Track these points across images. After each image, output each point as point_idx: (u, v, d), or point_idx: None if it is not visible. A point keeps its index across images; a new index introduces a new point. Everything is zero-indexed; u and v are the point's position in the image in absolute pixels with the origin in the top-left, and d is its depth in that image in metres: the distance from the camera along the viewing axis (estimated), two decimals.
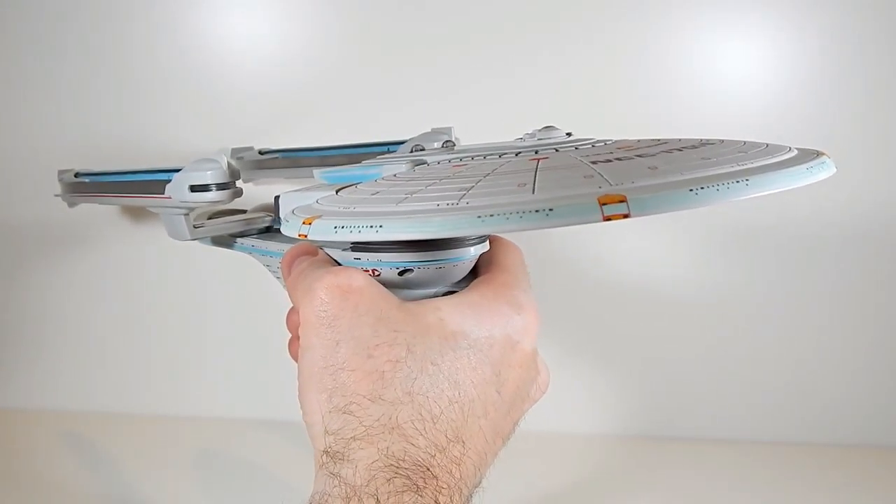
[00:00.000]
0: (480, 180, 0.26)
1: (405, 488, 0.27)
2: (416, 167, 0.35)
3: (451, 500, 0.29)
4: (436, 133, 0.46)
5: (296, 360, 0.32)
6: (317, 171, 0.38)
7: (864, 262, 0.68)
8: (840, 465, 0.70)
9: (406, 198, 0.26)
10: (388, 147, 0.49)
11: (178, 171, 0.46)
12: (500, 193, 0.24)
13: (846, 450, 0.72)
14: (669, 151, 0.28)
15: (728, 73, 0.63)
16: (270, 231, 0.49)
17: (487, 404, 0.31)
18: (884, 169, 0.64)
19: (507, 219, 0.22)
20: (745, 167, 0.25)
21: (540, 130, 0.35)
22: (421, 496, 0.27)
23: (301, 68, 0.68)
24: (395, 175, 0.33)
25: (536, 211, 0.22)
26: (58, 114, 0.72)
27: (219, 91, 0.69)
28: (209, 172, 0.44)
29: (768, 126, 0.64)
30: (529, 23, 0.64)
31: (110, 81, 0.70)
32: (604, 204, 0.22)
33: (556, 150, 0.31)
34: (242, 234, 0.49)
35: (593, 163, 0.26)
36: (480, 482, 0.32)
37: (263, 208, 0.52)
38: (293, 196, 0.35)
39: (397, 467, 0.28)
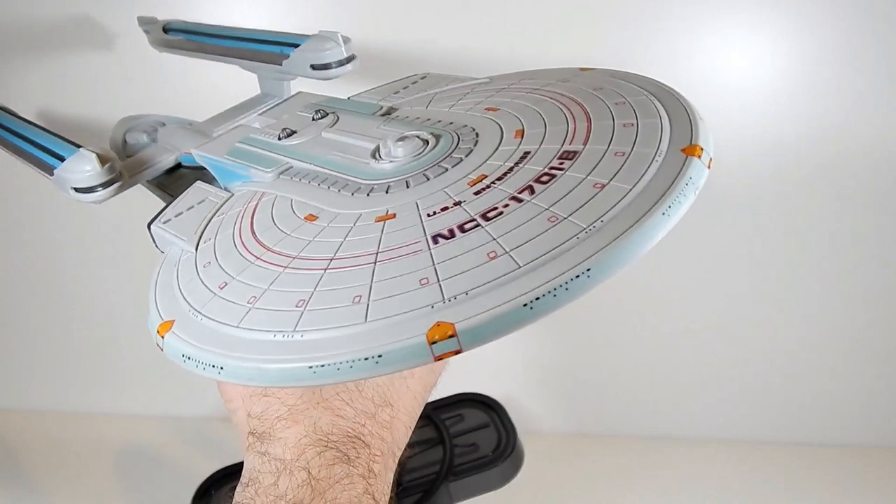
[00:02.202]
0: (321, 278, 0.26)
1: (336, 460, 0.27)
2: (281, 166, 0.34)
3: (386, 465, 0.29)
4: (320, 42, 0.43)
5: None
6: (194, 151, 0.40)
7: (865, 262, 0.68)
8: (840, 466, 0.70)
9: (248, 310, 0.26)
10: (291, 46, 0.45)
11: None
12: (334, 319, 0.24)
13: (846, 450, 0.72)
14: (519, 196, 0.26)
15: (728, 71, 0.63)
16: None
17: None
18: (884, 168, 0.64)
19: (339, 370, 0.22)
20: (587, 243, 0.22)
21: (399, 142, 0.32)
22: (353, 466, 0.27)
23: None
24: (240, 238, 0.31)
25: (366, 359, 0.22)
26: None
27: None
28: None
29: (768, 125, 0.64)
30: (529, 23, 0.64)
31: None
32: (433, 343, 0.21)
33: (408, 185, 0.30)
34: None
35: (435, 240, 0.25)
36: (408, 439, 0.32)
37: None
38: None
39: (327, 441, 0.28)
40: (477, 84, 0.37)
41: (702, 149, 0.25)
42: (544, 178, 0.26)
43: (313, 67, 0.43)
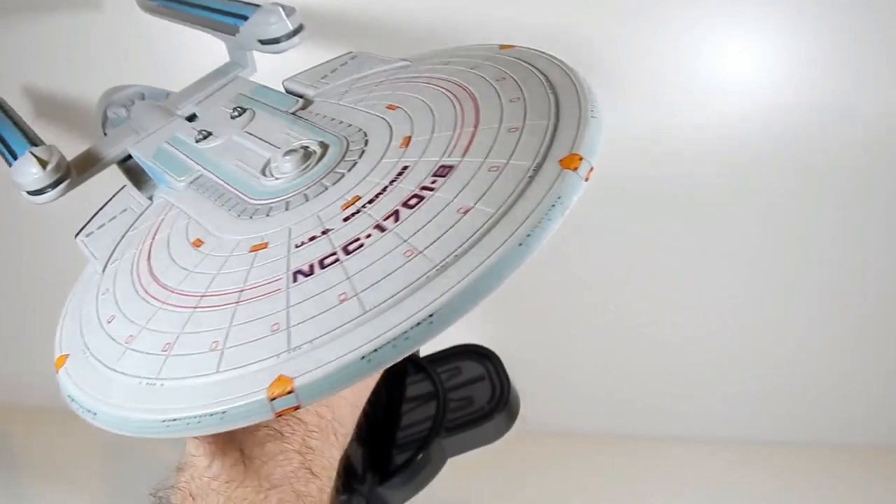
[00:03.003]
0: (188, 319, 0.25)
1: (268, 438, 0.27)
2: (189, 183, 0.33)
3: (326, 440, 0.29)
4: (264, 15, 0.41)
5: None
6: (130, 149, 0.39)
7: (865, 263, 0.68)
8: (840, 466, 0.70)
9: (124, 351, 0.26)
10: (242, 18, 0.43)
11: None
12: (191, 367, 0.23)
13: (846, 450, 0.72)
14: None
15: (727, 71, 0.63)
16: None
17: None
18: (883, 169, 0.64)
19: (188, 424, 0.22)
20: (435, 283, 0.21)
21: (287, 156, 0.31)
22: (287, 442, 0.28)
23: None
24: (136, 264, 0.31)
25: (211, 414, 0.22)
26: None
27: None
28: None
29: (770, 124, 0.64)
30: (529, 24, 0.64)
31: None
32: (273, 399, 0.21)
33: (287, 206, 0.29)
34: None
35: (295, 277, 0.24)
36: (356, 416, 0.32)
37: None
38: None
39: None
40: (395, 70, 0.35)
41: (581, 158, 0.23)
42: (412, 201, 0.24)
43: (261, 42, 0.41)
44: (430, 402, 0.45)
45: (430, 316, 0.20)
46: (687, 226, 0.70)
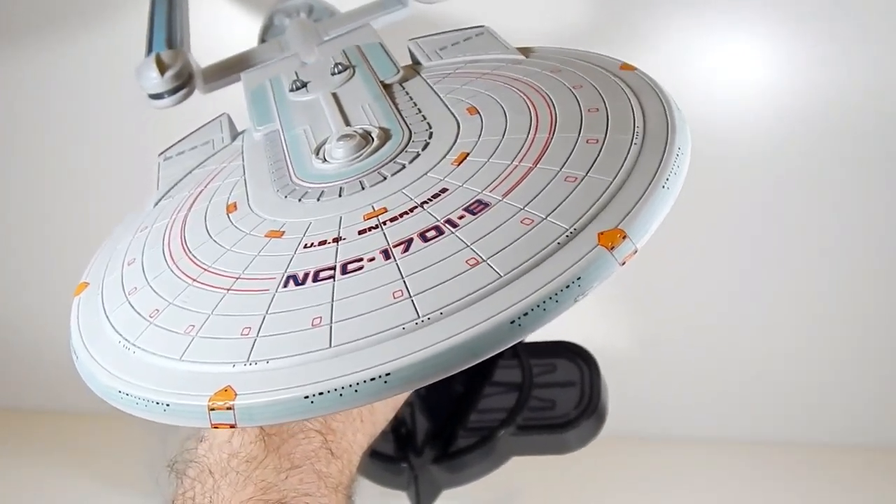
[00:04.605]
0: (185, 290, 0.24)
1: None
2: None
3: (351, 423, 0.28)
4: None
5: None
6: (242, 75, 0.37)
7: (866, 264, 0.68)
8: (840, 466, 0.70)
9: (122, 304, 0.24)
10: None
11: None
12: (164, 343, 0.23)
13: (846, 450, 0.72)
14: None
15: (731, 73, 0.63)
16: None
17: None
18: (882, 168, 0.64)
19: (136, 404, 0.21)
20: (391, 345, 0.20)
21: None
22: (308, 421, 0.27)
23: None
24: (168, 232, 0.29)
25: (157, 403, 0.21)
26: None
27: None
28: None
29: (775, 124, 0.64)
30: (527, 22, 0.64)
31: None
32: (212, 410, 0.20)
33: (318, 199, 0.27)
34: None
35: (286, 283, 0.23)
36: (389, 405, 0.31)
37: None
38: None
39: None
40: (506, 63, 0.32)
41: (623, 237, 0.20)
42: (430, 234, 0.22)
43: None
44: (512, 393, 0.42)
45: (387, 375, 0.19)
46: (683, 223, 0.70)
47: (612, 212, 0.21)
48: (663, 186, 0.22)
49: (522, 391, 0.42)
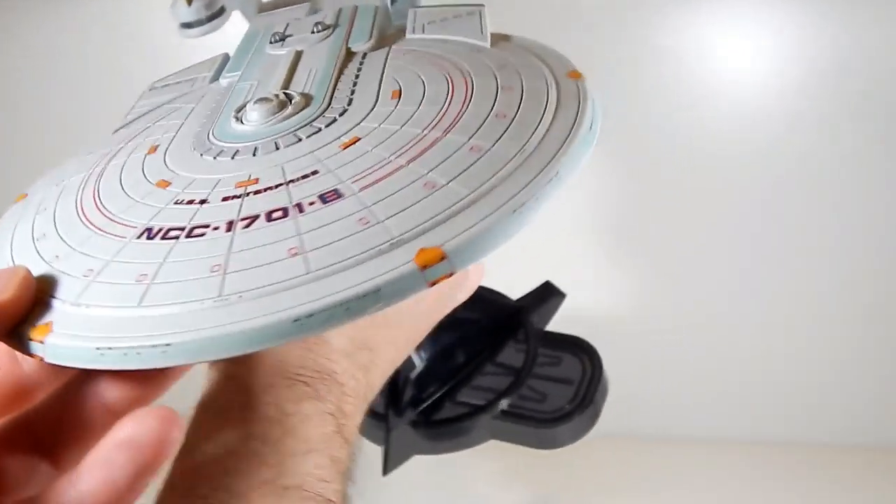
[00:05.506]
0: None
1: (306, 396, 0.26)
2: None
3: (357, 408, 0.28)
4: None
5: None
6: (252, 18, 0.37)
7: (866, 264, 0.68)
8: (840, 466, 0.70)
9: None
10: None
11: None
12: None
13: (846, 450, 0.72)
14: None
15: (726, 70, 0.63)
16: None
17: (403, 315, 0.30)
18: (882, 168, 0.64)
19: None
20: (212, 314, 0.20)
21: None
22: (323, 403, 0.26)
23: None
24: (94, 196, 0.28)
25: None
26: None
27: None
28: None
29: (758, 123, 0.64)
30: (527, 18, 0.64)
31: None
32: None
33: (232, 157, 0.27)
34: None
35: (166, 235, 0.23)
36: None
37: None
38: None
39: (295, 374, 0.26)
40: (465, 49, 0.31)
41: (442, 258, 0.20)
42: (276, 215, 0.22)
43: None
44: (509, 377, 0.41)
45: (167, 345, 0.19)
46: (684, 223, 0.70)
47: (448, 229, 0.20)
48: (514, 211, 0.20)
49: (518, 377, 0.41)
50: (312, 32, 0.34)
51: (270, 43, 0.34)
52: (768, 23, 0.61)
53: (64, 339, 0.21)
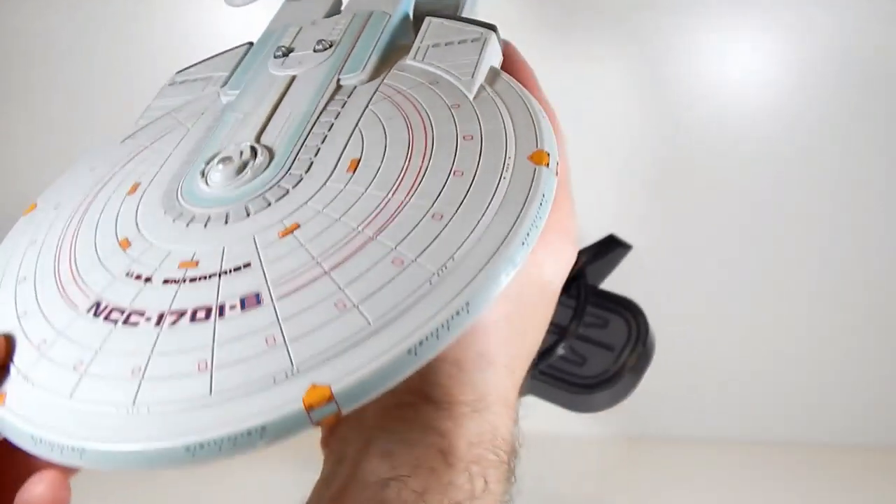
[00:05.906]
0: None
1: (506, 476, 0.25)
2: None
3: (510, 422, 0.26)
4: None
5: None
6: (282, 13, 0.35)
7: (866, 264, 0.68)
8: (840, 466, 0.70)
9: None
10: None
11: None
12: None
13: (846, 450, 0.72)
14: None
15: (727, 73, 0.63)
16: None
17: (535, 312, 0.27)
18: (883, 168, 0.64)
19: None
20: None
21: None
22: (512, 485, 0.25)
23: None
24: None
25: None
26: None
27: None
28: None
29: (781, 125, 0.64)
30: (526, 22, 0.64)
31: None
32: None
33: (187, 225, 0.25)
34: None
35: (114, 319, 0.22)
36: None
37: None
38: None
39: (506, 450, 0.25)
40: (446, 101, 0.28)
41: (328, 399, 0.18)
42: (199, 315, 0.21)
43: None
44: (553, 335, 0.39)
45: (85, 451, 0.19)
46: (683, 223, 0.70)
47: (344, 363, 0.19)
48: (410, 352, 0.19)
49: (561, 338, 0.39)
50: (314, 50, 0.31)
51: (274, 57, 0.32)
52: (769, 23, 0.61)
53: (10, 416, 0.20)
